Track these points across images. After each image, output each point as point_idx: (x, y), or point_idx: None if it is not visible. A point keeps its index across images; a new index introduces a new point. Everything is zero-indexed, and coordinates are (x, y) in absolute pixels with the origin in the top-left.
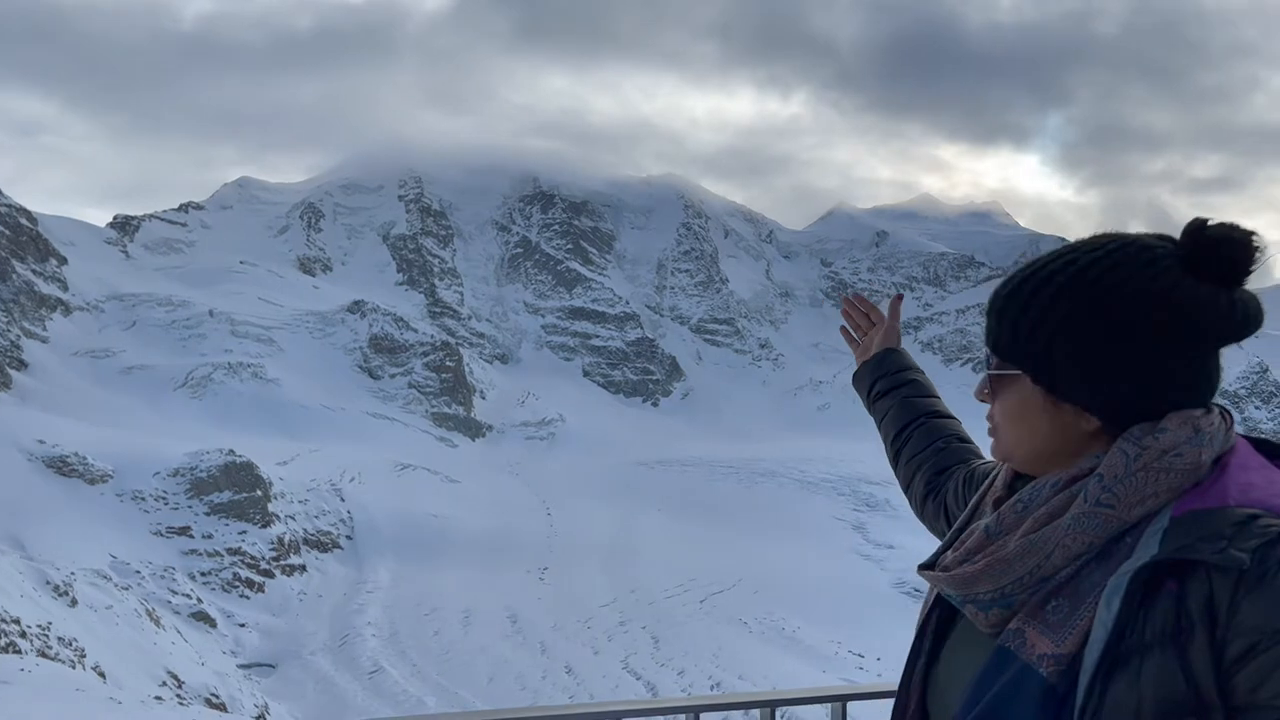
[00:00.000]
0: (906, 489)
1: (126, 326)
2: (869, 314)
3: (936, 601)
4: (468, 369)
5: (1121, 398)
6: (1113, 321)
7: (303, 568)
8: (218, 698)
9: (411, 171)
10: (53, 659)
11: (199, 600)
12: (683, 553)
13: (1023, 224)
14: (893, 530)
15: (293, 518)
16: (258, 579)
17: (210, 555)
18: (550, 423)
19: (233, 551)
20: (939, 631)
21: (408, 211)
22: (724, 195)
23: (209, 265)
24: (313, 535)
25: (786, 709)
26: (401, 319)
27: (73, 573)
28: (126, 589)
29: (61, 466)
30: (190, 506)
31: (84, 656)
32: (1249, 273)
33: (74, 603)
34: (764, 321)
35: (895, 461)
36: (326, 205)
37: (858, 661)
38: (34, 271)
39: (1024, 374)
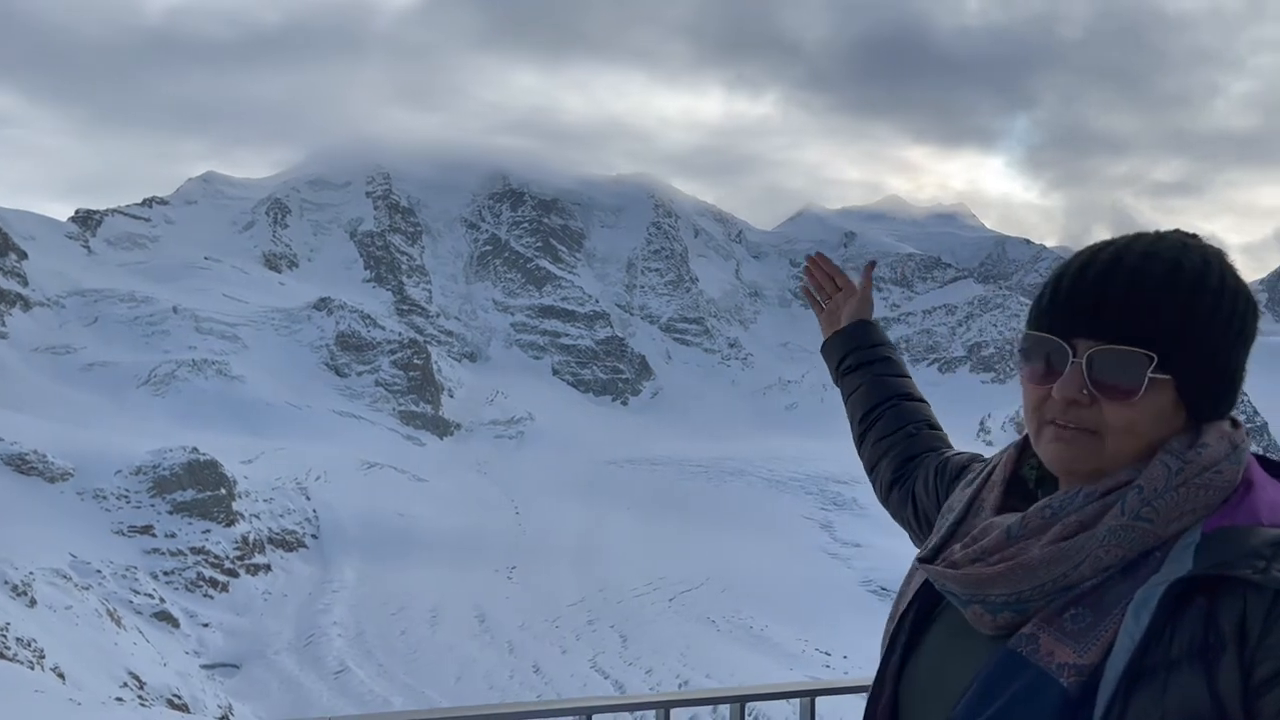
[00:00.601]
0: (871, 470)
1: (88, 323)
2: (834, 277)
3: (918, 594)
4: (436, 367)
5: (1225, 404)
6: (1237, 329)
7: (267, 567)
8: (180, 698)
9: (380, 168)
10: (11, 660)
11: (161, 600)
12: (651, 552)
13: (989, 225)
14: (860, 529)
15: (257, 516)
16: (221, 578)
17: (173, 554)
18: (519, 421)
19: (196, 550)
20: (917, 624)
21: (376, 208)
22: (694, 195)
23: (173, 261)
24: (278, 534)
25: (756, 705)
26: (369, 316)
27: (32, 572)
28: (87, 589)
29: (21, 464)
30: (153, 505)
31: (43, 657)
32: None
33: (33, 603)
34: (733, 321)
35: (861, 441)
36: (293, 201)
37: (824, 660)
38: None
39: (1171, 379)
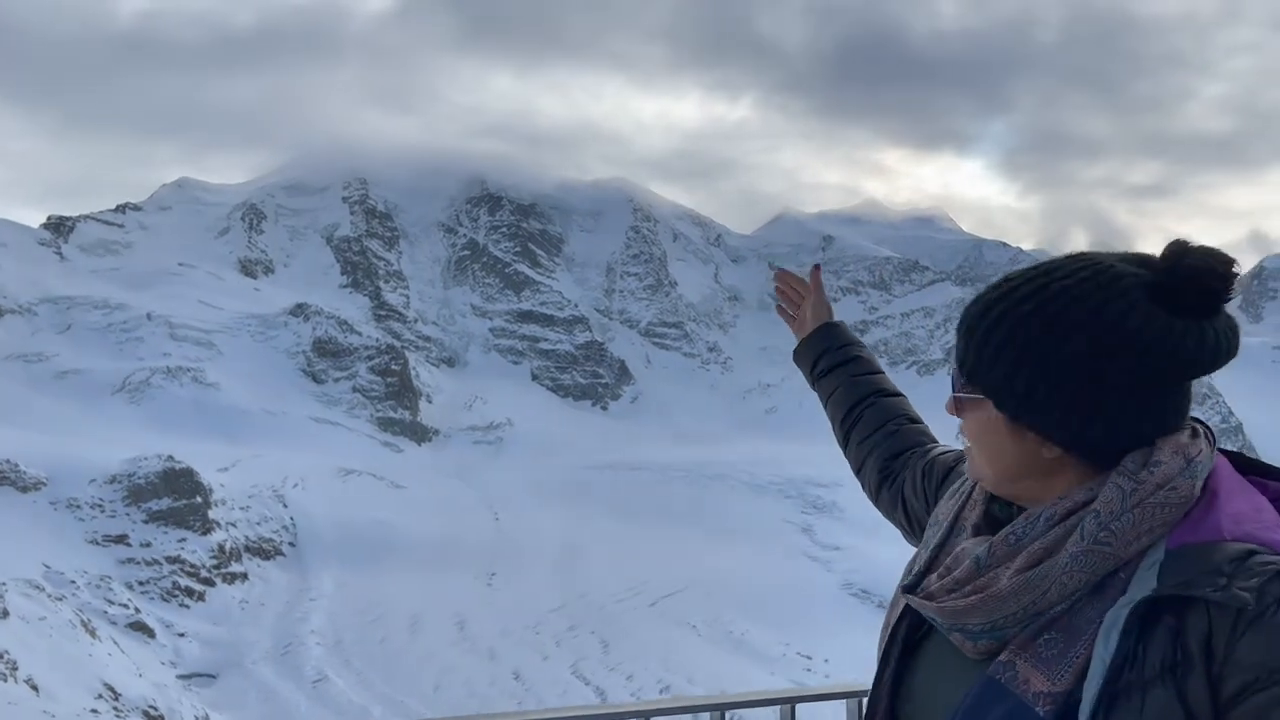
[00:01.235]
0: (858, 472)
1: (61, 330)
2: (798, 288)
3: (906, 610)
4: (414, 373)
5: (1084, 429)
6: (1076, 355)
7: (244, 576)
8: (156, 710)
9: (356, 172)
10: None
11: (137, 610)
12: (632, 557)
13: (966, 229)
14: (840, 532)
15: (234, 525)
16: (198, 587)
17: (148, 564)
18: (498, 427)
19: (172, 560)
20: (909, 639)
21: (352, 213)
22: (672, 198)
23: (147, 267)
24: (254, 542)
25: (736, 712)
26: (346, 322)
27: (4, 583)
28: (61, 599)
29: None
30: (128, 514)
31: (16, 669)
32: (1225, 303)
33: (5, 614)
34: (713, 325)
35: (845, 443)
36: (268, 206)
37: (806, 663)
38: None
39: (987, 398)
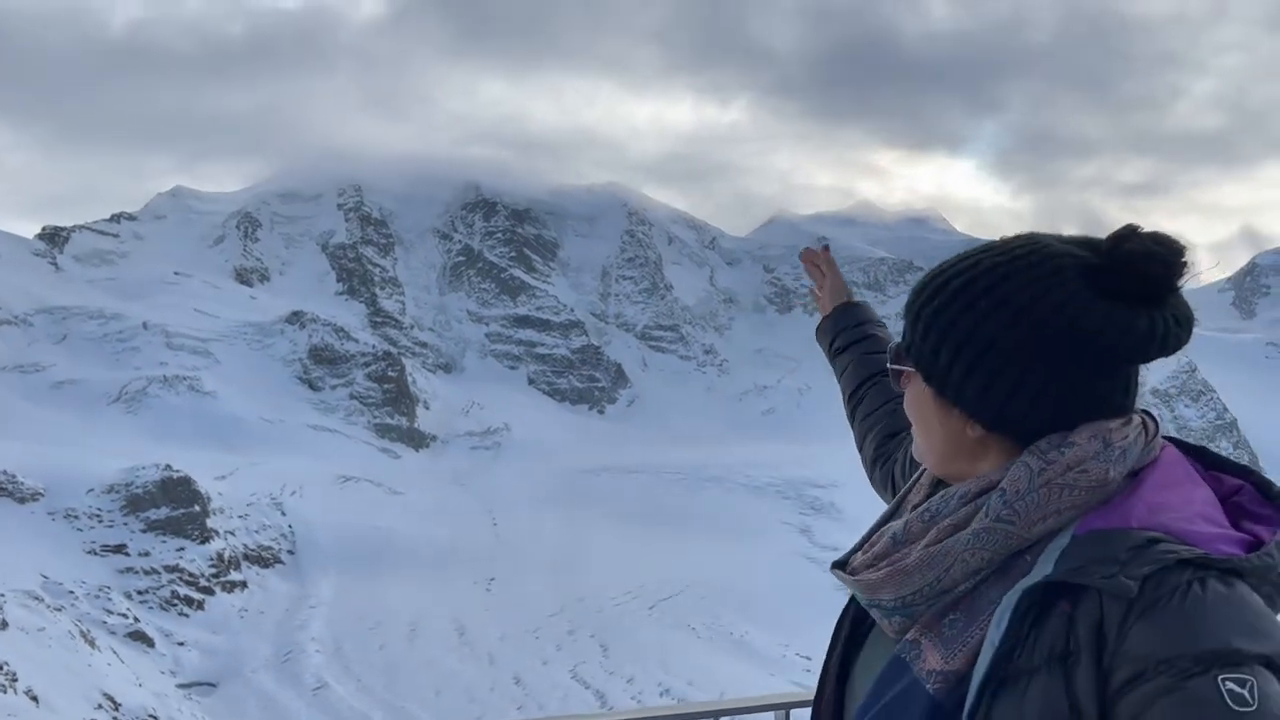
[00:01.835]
0: (860, 448)
1: (57, 340)
2: (821, 267)
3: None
4: (410, 379)
5: (1004, 408)
6: (998, 333)
7: (243, 584)
8: (157, 719)
9: (350, 179)
10: None
11: (136, 619)
12: (630, 560)
13: (959, 229)
14: (838, 533)
15: (232, 533)
16: (197, 596)
17: (147, 573)
18: (495, 432)
19: (170, 569)
20: (856, 623)
21: (347, 220)
22: (666, 202)
23: (142, 277)
24: (253, 550)
25: (730, 718)
26: (342, 329)
27: (3, 594)
28: (59, 610)
29: None
30: (126, 524)
31: (16, 681)
32: (1172, 291)
33: (4, 625)
34: (708, 328)
35: (851, 419)
36: (263, 214)
37: (805, 665)
38: None
39: (916, 372)
